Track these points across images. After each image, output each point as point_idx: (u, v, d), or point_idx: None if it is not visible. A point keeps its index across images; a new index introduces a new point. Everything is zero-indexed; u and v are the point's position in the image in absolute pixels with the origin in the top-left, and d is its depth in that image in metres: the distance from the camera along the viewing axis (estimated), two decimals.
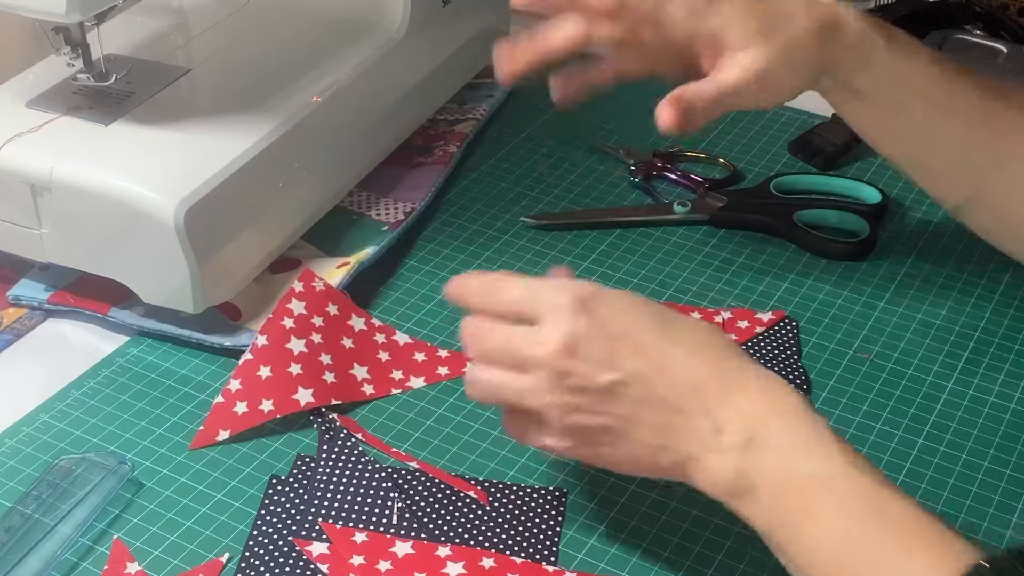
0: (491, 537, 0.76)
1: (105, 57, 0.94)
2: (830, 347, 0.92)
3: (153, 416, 0.85)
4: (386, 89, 1.05)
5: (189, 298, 0.87)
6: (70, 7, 0.82)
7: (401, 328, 0.92)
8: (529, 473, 0.82)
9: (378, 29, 1.05)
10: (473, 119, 1.14)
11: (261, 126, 0.92)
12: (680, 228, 1.04)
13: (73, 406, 0.85)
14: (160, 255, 0.86)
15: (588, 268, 0.99)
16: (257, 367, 0.84)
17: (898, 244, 1.02)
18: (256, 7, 1.06)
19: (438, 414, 0.86)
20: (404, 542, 0.75)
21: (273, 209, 0.93)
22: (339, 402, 0.85)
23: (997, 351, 0.92)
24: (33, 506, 0.76)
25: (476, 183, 1.09)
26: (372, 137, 1.04)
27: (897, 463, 0.83)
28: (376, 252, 0.97)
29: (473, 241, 1.02)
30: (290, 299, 0.88)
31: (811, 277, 0.99)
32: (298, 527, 0.76)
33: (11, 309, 0.94)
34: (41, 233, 0.89)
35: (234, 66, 0.99)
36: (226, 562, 0.75)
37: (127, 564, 0.74)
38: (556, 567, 0.75)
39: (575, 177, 1.10)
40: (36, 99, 0.92)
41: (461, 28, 1.13)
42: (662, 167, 1.10)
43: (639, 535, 0.77)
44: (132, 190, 0.85)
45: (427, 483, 0.80)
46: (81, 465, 0.79)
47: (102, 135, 0.90)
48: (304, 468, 0.81)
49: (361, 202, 1.03)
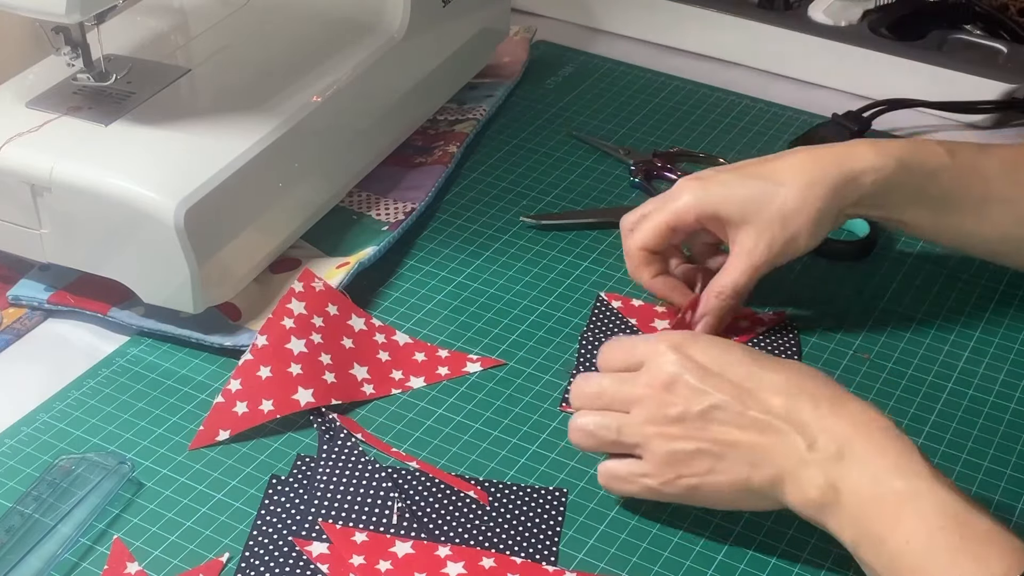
0: (491, 537, 0.76)
1: (105, 57, 0.94)
2: (830, 347, 0.92)
3: (153, 416, 0.85)
4: (386, 89, 1.05)
5: (189, 298, 0.87)
6: (70, 7, 0.82)
7: (401, 328, 0.92)
8: (529, 473, 0.82)
9: (378, 29, 1.05)
10: (473, 119, 1.14)
11: (261, 126, 0.92)
12: None
13: (73, 406, 0.85)
14: (160, 255, 0.86)
15: (588, 268, 0.99)
16: (257, 367, 0.84)
17: (898, 244, 1.02)
18: (256, 7, 1.06)
19: (438, 414, 0.86)
20: (404, 542, 0.75)
21: (273, 209, 0.93)
22: (339, 402, 0.85)
23: (997, 351, 0.92)
24: (33, 506, 0.76)
25: (476, 183, 1.09)
26: (372, 137, 1.04)
27: None
28: (376, 252, 0.97)
29: (473, 241, 1.02)
30: (290, 299, 0.88)
31: (811, 277, 0.99)
32: (298, 527, 0.76)
33: (11, 309, 0.94)
34: (41, 233, 0.89)
35: (234, 66, 0.99)
36: (226, 562, 0.75)
37: (127, 564, 0.74)
38: (556, 567, 0.75)
39: (575, 177, 1.10)
40: (36, 99, 0.92)
41: (461, 28, 1.13)
42: (662, 167, 1.10)
43: (639, 535, 0.77)
44: (132, 190, 0.85)
45: (427, 483, 0.80)
46: (81, 465, 0.79)
47: (102, 135, 0.90)
48: (304, 468, 0.81)
49: (361, 202, 1.03)
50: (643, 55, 1.29)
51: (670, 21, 1.29)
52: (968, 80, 1.18)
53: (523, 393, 0.88)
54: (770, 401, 0.71)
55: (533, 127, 1.16)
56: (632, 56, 1.28)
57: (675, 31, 1.29)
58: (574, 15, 1.34)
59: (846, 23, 1.24)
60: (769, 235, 0.86)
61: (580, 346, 0.91)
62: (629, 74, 1.25)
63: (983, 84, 1.17)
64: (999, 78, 1.17)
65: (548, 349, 0.91)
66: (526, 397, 0.87)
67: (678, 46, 1.30)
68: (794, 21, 1.25)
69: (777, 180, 0.87)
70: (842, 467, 0.68)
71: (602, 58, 1.28)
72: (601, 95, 1.22)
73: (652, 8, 1.30)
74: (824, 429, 0.69)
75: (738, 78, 1.24)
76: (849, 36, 1.23)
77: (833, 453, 0.69)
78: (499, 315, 0.94)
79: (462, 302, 0.95)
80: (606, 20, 1.33)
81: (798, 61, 1.24)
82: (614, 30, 1.33)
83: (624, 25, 1.32)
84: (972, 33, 1.24)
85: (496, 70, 1.21)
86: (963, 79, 1.18)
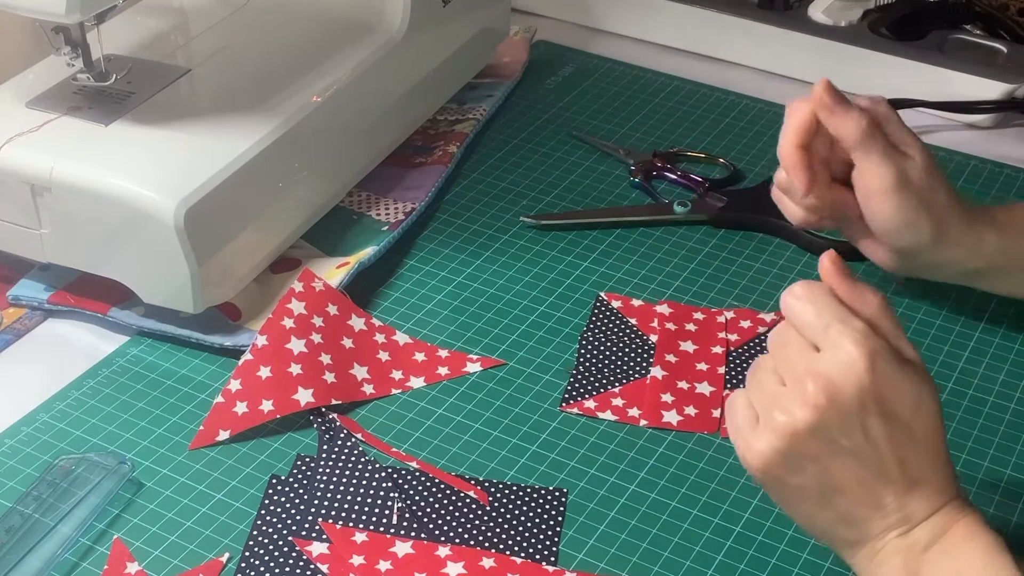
0: (491, 537, 0.76)
1: (105, 57, 0.94)
2: None
3: (153, 416, 0.85)
4: (386, 89, 1.05)
5: (189, 298, 0.87)
6: (70, 7, 0.82)
7: (401, 328, 0.92)
8: (529, 473, 0.82)
9: (378, 29, 1.05)
10: (473, 119, 1.14)
11: (261, 126, 0.92)
12: (680, 228, 1.04)
13: (73, 406, 0.85)
14: (160, 255, 0.86)
15: (588, 268, 0.99)
16: (257, 367, 0.84)
17: None
18: (256, 7, 1.06)
19: (438, 414, 0.86)
20: (404, 542, 0.75)
21: (273, 209, 0.93)
22: (339, 402, 0.85)
23: (997, 351, 0.92)
24: (33, 506, 0.76)
25: (476, 183, 1.09)
26: (372, 137, 1.04)
27: None
28: (376, 252, 0.97)
29: (473, 241, 1.02)
30: (290, 299, 0.88)
31: (812, 277, 0.98)
32: (298, 527, 0.76)
33: (11, 309, 0.94)
34: (41, 233, 0.89)
35: (234, 66, 0.99)
36: (226, 562, 0.75)
37: (127, 564, 0.74)
38: (556, 567, 0.75)
39: (575, 177, 1.10)
40: (36, 99, 0.92)
41: (461, 28, 1.13)
42: (662, 167, 1.10)
43: (639, 535, 0.77)
44: (132, 190, 0.85)
45: (427, 483, 0.80)
46: (81, 465, 0.79)
47: (102, 135, 0.90)
48: (304, 468, 0.81)
49: (361, 202, 1.03)
50: (643, 55, 1.28)
51: (670, 21, 1.29)
52: (968, 80, 1.17)
53: (523, 393, 0.88)
54: (900, 481, 0.65)
55: (533, 127, 1.16)
56: (632, 56, 1.28)
57: (675, 31, 1.29)
58: (574, 15, 1.34)
59: (846, 23, 1.24)
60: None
61: (580, 346, 0.91)
62: (629, 74, 1.25)
63: (983, 84, 1.17)
64: (999, 78, 1.17)
65: (548, 349, 0.91)
66: (526, 397, 0.87)
67: (678, 46, 1.30)
68: (794, 21, 1.25)
69: None
70: (926, 558, 0.65)
71: (602, 58, 1.28)
72: (601, 95, 1.22)
73: (652, 8, 1.30)
74: (924, 519, 0.65)
75: (738, 78, 1.24)
76: (849, 36, 1.23)
77: (923, 544, 0.65)
78: (499, 315, 0.94)
79: (462, 302, 0.95)
80: (606, 20, 1.33)
81: (798, 61, 1.24)
82: (614, 30, 1.33)
83: (624, 25, 1.32)
84: (972, 33, 1.24)
85: (496, 70, 1.21)
86: (963, 79, 1.18)
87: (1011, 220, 0.88)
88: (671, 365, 0.89)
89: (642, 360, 0.89)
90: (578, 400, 0.87)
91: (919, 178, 0.85)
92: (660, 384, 0.87)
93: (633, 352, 0.90)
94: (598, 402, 0.87)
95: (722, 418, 0.85)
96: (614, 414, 0.86)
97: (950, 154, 1.13)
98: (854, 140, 0.84)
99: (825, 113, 0.84)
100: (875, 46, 1.21)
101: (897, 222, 0.85)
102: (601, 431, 0.85)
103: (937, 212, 0.85)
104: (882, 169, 0.84)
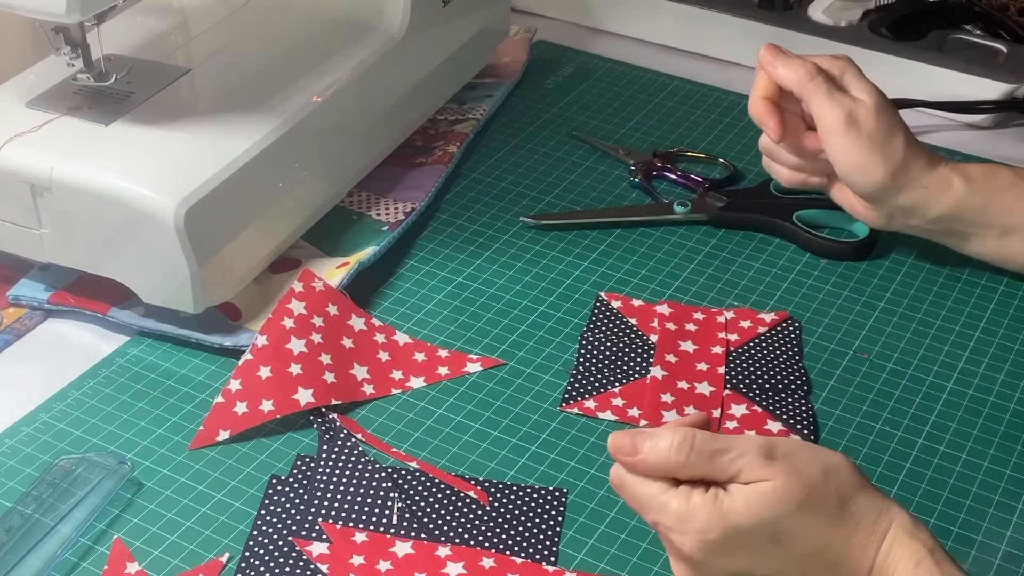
0: (491, 537, 0.76)
1: (105, 57, 0.94)
2: (830, 347, 0.92)
3: (153, 416, 0.85)
4: (386, 89, 1.05)
5: (189, 298, 0.87)
6: (70, 7, 0.82)
7: (401, 328, 0.92)
8: (529, 473, 0.82)
9: (378, 29, 1.05)
10: (473, 119, 1.14)
11: (261, 126, 0.92)
12: (680, 228, 1.04)
13: (73, 406, 0.85)
14: (160, 255, 0.86)
15: (588, 268, 0.99)
16: (257, 367, 0.84)
17: (898, 244, 1.02)
18: (256, 7, 1.06)
19: (438, 414, 0.86)
20: (404, 542, 0.75)
21: (273, 209, 0.93)
22: (339, 402, 0.85)
23: (997, 351, 0.92)
24: (33, 506, 0.76)
25: (476, 183, 1.09)
26: (372, 137, 1.04)
27: (897, 463, 0.83)
28: (376, 252, 0.97)
29: (473, 241, 1.02)
30: (290, 299, 0.88)
31: (811, 277, 0.99)
32: (298, 527, 0.76)
33: (11, 309, 0.94)
34: (41, 233, 0.89)
35: (234, 66, 0.99)
36: (226, 562, 0.75)
37: (127, 564, 0.74)
38: (556, 567, 0.75)
39: (575, 177, 1.10)
40: (36, 99, 0.92)
41: (461, 28, 1.13)
42: (662, 167, 1.10)
43: (639, 535, 0.77)
44: (132, 190, 0.85)
45: (427, 483, 0.80)
46: (81, 465, 0.79)
47: (102, 135, 0.90)
48: (304, 468, 0.81)
49: (361, 202, 1.03)
50: (643, 55, 1.28)
51: (670, 21, 1.29)
52: (968, 80, 1.17)
53: (523, 393, 0.88)
54: None
55: (533, 127, 1.16)
56: (632, 56, 1.28)
57: (675, 31, 1.29)
58: (574, 15, 1.34)
59: (846, 23, 1.24)
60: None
61: (580, 346, 0.91)
62: (629, 74, 1.25)
63: (983, 84, 1.17)
64: (999, 78, 1.17)
65: (548, 349, 0.91)
66: (526, 397, 0.87)
67: (678, 46, 1.30)
68: (794, 21, 1.25)
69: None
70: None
71: (602, 58, 1.28)
72: (601, 95, 1.22)
73: (652, 8, 1.29)
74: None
75: (738, 78, 1.24)
76: (849, 36, 1.22)
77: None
78: (499, 315, 0.94)
79: (462, 302, 0.95)
80: (606, 20, 1.33)
81: None
82: (614, 30, 1.33)
83: (624, 25, 1.32)
84: (972, 33, 1.24)
85: (496, 70, 1.21)
86: (963, 79, 1.18)
87: (985, 177, 0.92)
88: (671, 365, 0.89)
89: (642, 360, 0.89)
90: (578, 400, 0.87)
91: (868, 119, 0.90)
92: (660, 384, 0.87)
93: (633, 352, 0.90)
94: (598, 402, 0.87)
95: (722, 418, 0.85)
96: (614, 414, 0.86)
97: (950, 154, 1.13)
98: (798, 87, 0.91)
99: (769, 68, 0.93)
100: (875, 46, 1.21)
101: (849, 163, 0.91)
102: (601, 431, 0.85)
103: (891, 154, 0.90)
104: (826, 110, 0.90)
